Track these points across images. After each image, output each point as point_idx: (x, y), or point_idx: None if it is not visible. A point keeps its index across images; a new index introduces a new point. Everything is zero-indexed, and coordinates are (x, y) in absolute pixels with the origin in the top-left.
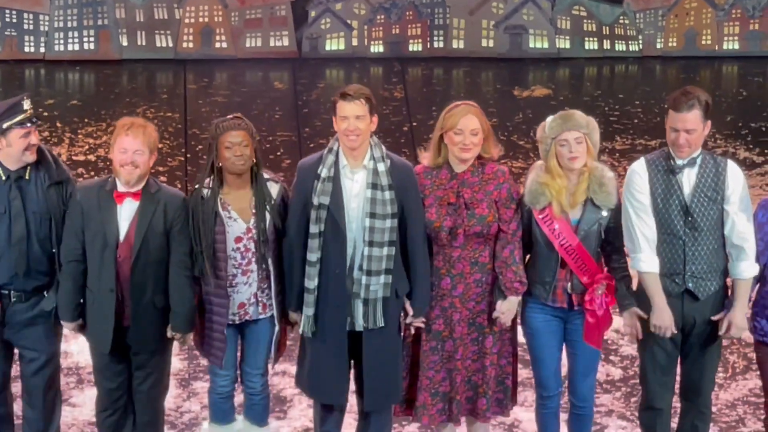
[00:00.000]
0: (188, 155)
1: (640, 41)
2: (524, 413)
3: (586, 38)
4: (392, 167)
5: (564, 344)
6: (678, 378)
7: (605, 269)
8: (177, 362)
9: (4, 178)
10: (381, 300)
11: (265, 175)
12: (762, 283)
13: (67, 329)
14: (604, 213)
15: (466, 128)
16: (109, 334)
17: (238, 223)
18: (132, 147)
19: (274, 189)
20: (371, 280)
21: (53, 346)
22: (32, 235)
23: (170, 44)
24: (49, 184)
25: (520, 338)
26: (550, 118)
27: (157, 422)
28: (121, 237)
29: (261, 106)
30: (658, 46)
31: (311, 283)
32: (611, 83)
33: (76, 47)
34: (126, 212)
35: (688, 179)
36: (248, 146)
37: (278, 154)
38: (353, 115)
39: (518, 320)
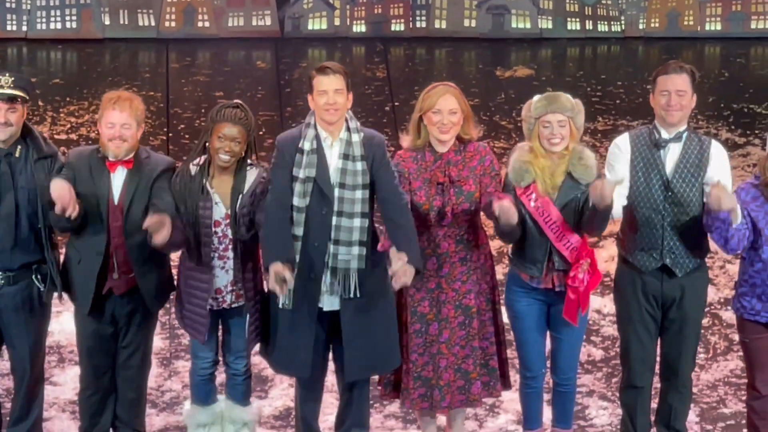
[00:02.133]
0: (170, 134)
1: (623, 22)
2: (506, 393)
3: (569, 18)
4: (365, 138)
5: (548, 327)
6: (659, 359)
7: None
8: (158, 341)
9: None
10: (355, 271)
11: (248, 160)
12: (749, 263)
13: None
14: (583, 188)
15: (444, 108)
16: (89, 296)
17: (219, 206)
18: (119, 121)
19: (252, 174)
20: (339, 249)
21: (40, 332)
22: (21, 210)
23: (153, 23)
24: (36, 159)
25: (505, 319)
26: (536, 98)
27: (141, 399)
28: (115, 202)
29: (243, 86)
30: (641, 26)
31: (295, 256)
32: (593, 64)
33: (59, 26)
34: (118, 180)
35: (671, 155)
36: (241, 143)
37: (260, 133)
38: (332, 89)
39: (502, 302)
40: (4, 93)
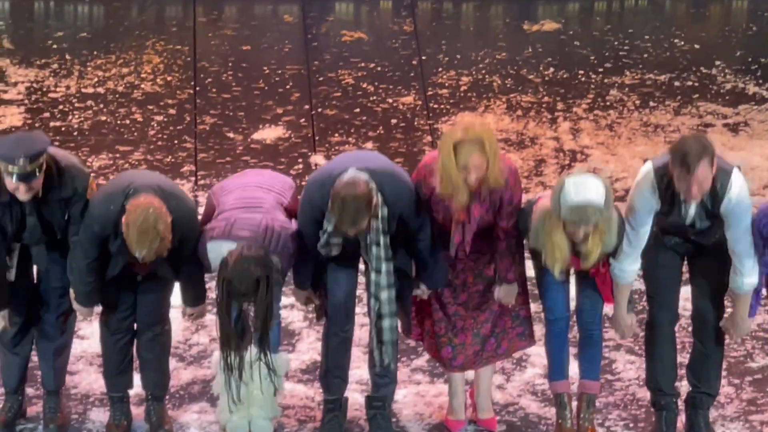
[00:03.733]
0: (197, 88)
1: None
2: (533, 348)
3: None
4: (389, 198)
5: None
6: (690, 313)
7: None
8: None
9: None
10: (396, 340)
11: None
12: None
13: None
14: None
15: (470, 165)
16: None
17: None
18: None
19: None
20: (384, 322)
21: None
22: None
23: None
24: (56, 199)
25: (530, 273)
26: (566, 194)
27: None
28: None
29: (270, 40)
30: None
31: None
32: (621, 18)
33: None
34: None
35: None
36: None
37: (287, 87)
38: None
39: (527, 255)
40: (21, 174)
